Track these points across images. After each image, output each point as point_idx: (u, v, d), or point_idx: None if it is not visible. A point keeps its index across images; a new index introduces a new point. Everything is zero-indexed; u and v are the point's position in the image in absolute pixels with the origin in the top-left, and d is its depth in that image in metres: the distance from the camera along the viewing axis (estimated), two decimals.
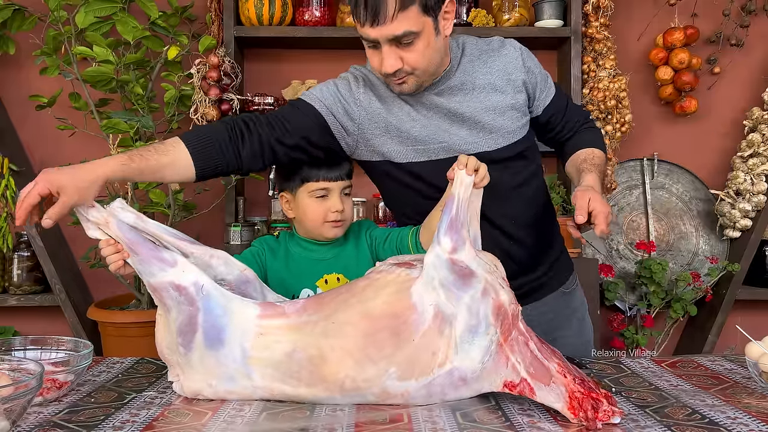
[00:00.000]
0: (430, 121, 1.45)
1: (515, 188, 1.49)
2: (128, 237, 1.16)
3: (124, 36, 2.53)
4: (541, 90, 1.52)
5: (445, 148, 1.44)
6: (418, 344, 1.08)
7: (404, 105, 1.45)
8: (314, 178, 1.47)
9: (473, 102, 1.44)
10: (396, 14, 1.28)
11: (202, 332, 1.13)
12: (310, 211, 1.48)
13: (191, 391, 1.17)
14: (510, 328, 1.12)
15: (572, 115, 1.58)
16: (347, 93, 1.45)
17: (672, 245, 3.03)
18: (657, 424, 1.04)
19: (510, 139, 1.46)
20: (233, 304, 1.15)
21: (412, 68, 1.35)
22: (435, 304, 1.09)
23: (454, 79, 1.45)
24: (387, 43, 1.32)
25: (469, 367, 1.09)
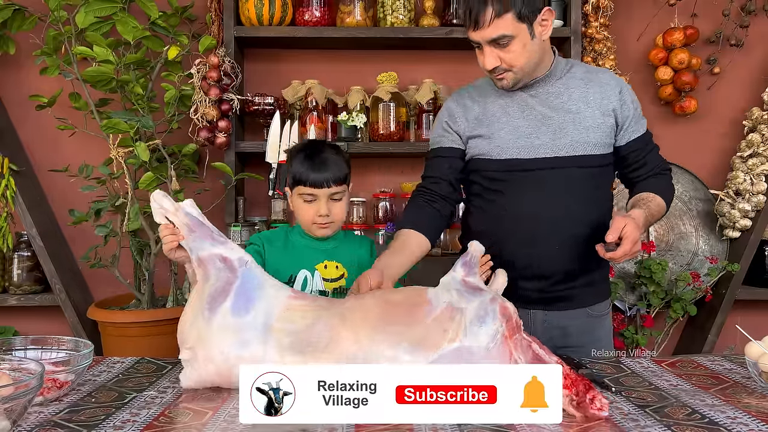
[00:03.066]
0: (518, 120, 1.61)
1: (580, 193, 1.59)
2: (191, 219, 1.30)
3: (124, 36, 2.53)
4: (630, 124, 1.63)
5: (526, 146, 1.59)
6: (429, 325, 1.17)
7: (499, 100, 1.64)
8: (303, 182, 1.58)
9: (563, 111, 1.59)
10: (492, 20, 1.47)
11: (233, 298, 1.22)
12: (301, 211, 1.61)
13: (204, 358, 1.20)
14: (514, 330, 1.19)
15: (652, 159, 1.67)
16: (448, 119, 1.67)
17: (672, 245, 3.03)
18: (657, 424, 1.04)
19: (587, 151, 1.58)
20: (269, 282, 1.27)
21: (509, 66, 1.53)
22: (448, 301, 1.21)
23: (553, 87, 1.62)
24: (486, 44, 1.51)
25: (477, 348, 1.15)
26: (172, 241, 1.30)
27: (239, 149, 2.73)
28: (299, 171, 1.58)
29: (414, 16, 2.83)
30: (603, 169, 1.62)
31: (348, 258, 1.66)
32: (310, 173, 1.57)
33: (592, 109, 1.60)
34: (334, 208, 1.60)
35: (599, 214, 1.62)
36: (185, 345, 1.24)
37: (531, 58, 1.53)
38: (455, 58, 2.99)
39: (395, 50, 2.94)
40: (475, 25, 1.49)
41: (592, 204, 1.61)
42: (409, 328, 1.16)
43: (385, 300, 1.23)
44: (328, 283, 1.63)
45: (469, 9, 1.48)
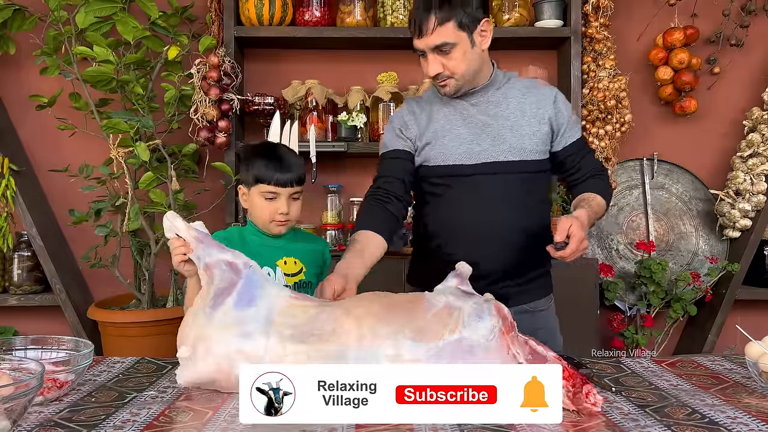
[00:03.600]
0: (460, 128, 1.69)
1: (516, 197, 1.67)
2: (200, 234, 1.35)
3: (125, 36, 2.53)
4: (565, 130, 1.72)
5: (467, 153, 1.67)
6: (430, 319, 1.20)
7: (444, 108, 1.72)
8: (266, 181, 1.62)
9: (501, 118, 1.68)
10: (436, 28, 1.56)
11: (236, 295, 1.24)
12: (260, 208, 1.65)
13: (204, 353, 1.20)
14: (510, 328, 1.22)
15: (588, 163, 1.76)
16: (401, 126, 1.74)
17: (672, 245, 3.03)
18: (657, 424, 1.04)
19: (523, 157, 1.67)
20: (271, 284, 1.30)
21: (451, 73, 1.62)
22: (445, 301, 1.24)
23: (493, 96, 1.71)
24: (430, 51, 1.59)
25: (476, 340, 1.17)
26: (182, 253, 1.35)
27: (239, 149, 2.74)
28: (263, 170, 1.63)
29: None
30: (539, 175, 1.71)
31: (303, 253, 1.72)
32: (275, 173, 1.62)
33: (529, 118, 1.69)
34: (292, 207, 1.66)
35: (535, 217, 1.70)
36: (184, 342, 1.24)
37: (471, 65, 1.63)
38: None
39: (395, 50, 2.94)
40: (419, 33, 1.58)
41: (527, 207, 1.69)
42: (411, 321, 1.19)
43: (384, 297, 1.26)
44: (289, 278, 1.68)
45: (414, 19, 1.58)
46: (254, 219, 1.68)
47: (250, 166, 1.66)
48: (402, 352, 1.15)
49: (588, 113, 2.79)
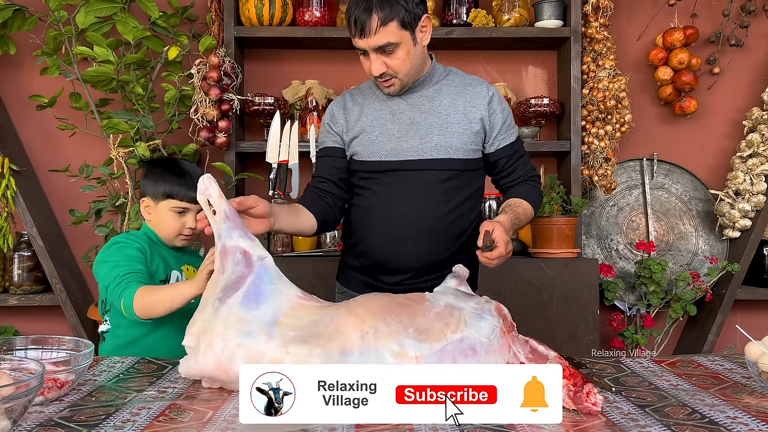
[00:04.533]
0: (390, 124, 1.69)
1: (441, 194, 1.67)
2: (230, 210, 1.33)
3: (125, 36, 2.53)
4: (499, 133, 1.72)
5: (395, 149, 1.67)
6: (431, 317, 1.20)
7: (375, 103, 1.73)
8: (178, 198, 1.68)
9: (431, 115, 1.68)
10: (378, 28, 1.54)
11: (244, 291, 1.24)
12: (168, 223, 1.70)
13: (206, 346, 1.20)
14: (510, 328, 1.23)
15: (521, 167, 1.76)
16: (331, 121, 1.76)
17: (671, 245, 3.03)
18: (657, 424, 1.04)
19: (450, 155, 1.67)
20: (282, 281, 1.29)
21: (395, 72, 1.62)
22: (446, 301, 1.25)
23: (427, 91, 1.70)
24: (373, 51, 1.58)
25: (478, 339, 1.18)
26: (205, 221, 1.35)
27: (239, 149, 2.74)
28: (175, 186, 1.68)
29: None
30: (467, 173, 1.70)
31: (197, 264, 1.77)
32: (187, 189, 1.67)
33: (460, 115, 1.68)
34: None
35: (460, 215, 1.70)
36: (190, 331, 1.26)
37: (414, 63, 1.63)
38: (455, 58, 2.99)
39: None
40: (361, 33, 1.56)
41: (453, 204, 1.69)
42: (413, 320, 1.19)
43: (389, 296, 1.27)
44: None
45: (355, 18, 1.55)
46: (159, 232, 1.72)
47: (160, 181, 1.70)
48: (405, 352, 1.15)
49: (588, 113, 2.79)
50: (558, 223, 2.60)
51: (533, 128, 2.83)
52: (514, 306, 1.95)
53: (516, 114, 2.92)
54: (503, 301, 1.31)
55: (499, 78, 3.01)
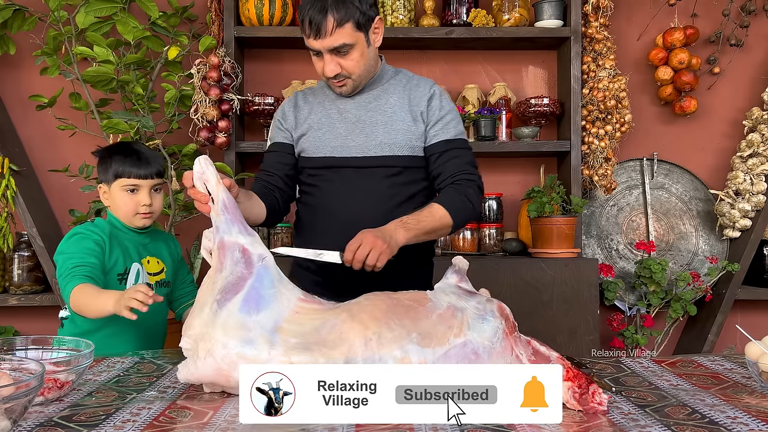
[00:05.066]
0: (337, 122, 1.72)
1: (385, 191, 1.68)
2: (228, 199, 1.28)
3: (125, 36, 2.53)
4: (435, 127, 1.71)
5: (339, 146, 1.70)
6: (434, 320, 1.19)
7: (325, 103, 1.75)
8: (126, 175, 1.71)
9: (377, 113, 1.70)
10: (334, 30, 1.56)
11: (244, 294, 1.19)
12: (123, 203, 1.72)
13: (205, 353, 1.16)
14: (513, 329, 1.22)
15: (451, 167, 1.69)
16: (281, 117, 1.80)
17: (672, 245, 3.03)
18: (657, 423, 1.04)
19: (394, 152, 1.68)
20: (283, 283, 1.25)
21: (349, 73, 1.64)
22: (448, 301, 1.24)
23: (374, 91, 1.73)
24: (328, 52, 1.60)
25: (481, 342, 1.17)
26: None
27: (239, 149, 2.74)
28: (122, 165, 1.70)
29: (414, 16, 2.83)
30: (412, 170, 1.71)
31: (162, 254, 1.82)
32: (133, 166, 1.70)
33: (405, 112, 1.70)
34: (155, 200, 1.74)
35: (408, 211, 1.66)
36: (187, 333, 1.21)
37: (367, 65, 1.66)
38: (455, 58, 3.00)
39: (395, 50, 2.94)
40: (317, 35, 1.57)
41: (399, 200, 1.69)
42: (416, 324, 1.18)
43: (389, 296, 1.25)
44: (152, 277, 1.76)
45: (310, 19, 1.56)
46: (118, 215, 1.74)
47: (110, 164, 1.72)
48: (409, 358, 1.14)
49: (588, 113, 2.79)
50: (558, 223, 2.60)
51: (533, 128, 2.83)
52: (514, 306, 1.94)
53: (516, 114, 2.92)
54: (503, 301, 1.30)
55: (499, 78, 3.01)
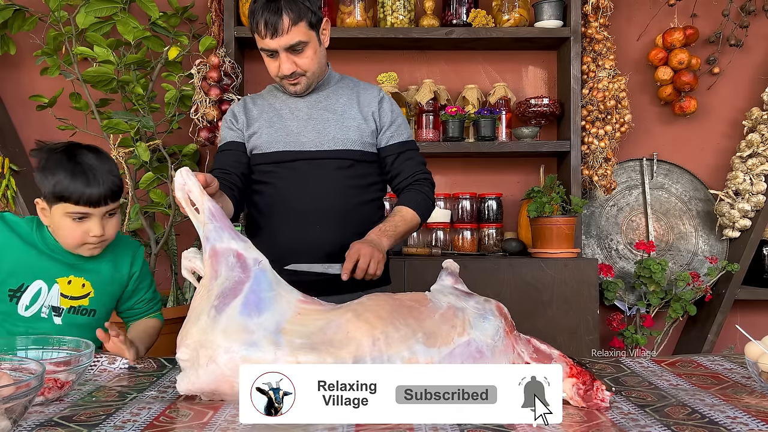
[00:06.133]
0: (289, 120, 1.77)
1: (340, 183, 1.73)
2: (215, 207, 1.25)
3: (125, 36, 2.53)
4: (388, 130, 1.80)
5: (292, 142, 1.74)
6: (437, 320, 1.20)
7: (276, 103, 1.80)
8: (72, 200, 1.35)
9: (328, 112, 1.77)
10: (290, 28, 1.63)
11: (243, 297, 1.17)
12: (66, 231, 1.39)
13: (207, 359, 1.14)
14: (512, 328, 1.23)
15: (407, 169, 1.79)
16: (232, 117, 1.83)
17: (671, 245, 3.03)
18: (657, 423, 1.04)
19: (347, 146, 1.74)
20: (281, 286, 1.24)
21: (304, 70, 1.71)
22: (448, 301, 1.25)
23: (324, 92, 1.80)
24: (284, 51, 1.66)
25: (484, 341, 1.18)
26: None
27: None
28: (66, 185, 1.35)
29: (414, 16, 2.83)
30: (364, 164, 1.78)
31: (100, 275, 1.50)
32: (83, 189, 1.35)
33: (355, 111, 1.78)
34: (108, 226, 1.41)
35: (365, 202, 1.78)
36: (185, 343, 1.17)
37: (320, 63, 1.74)
38: (455, 58, 3.00)
39: (395, 50, 2.94)
40: (273, 34, 1.63)
41: (351, 194, 1.75)
42: (421, 324, 1.18)
43: (392, 298, 1.26)
44: (66, 300, 1.46)
45: (266, 20, 1.63)
46: (59, 240, 1.42)
47: (50, 177, 1.36)
48: (416, 358, 1.15)
49: (588, 113, 2.79)
50: (558, 223, 2.60)
51: (533, 128, 2.83)
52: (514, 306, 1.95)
53: (516, 114, 2.93)
54: (503, 301, 1.31)
55: (499, 78, 3.01)
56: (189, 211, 1.25)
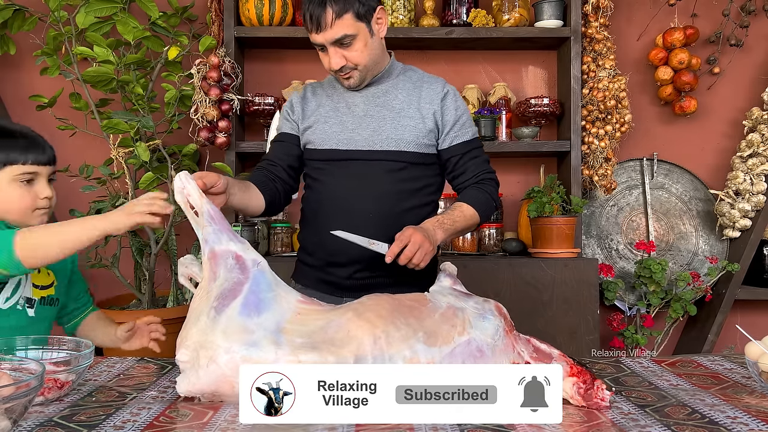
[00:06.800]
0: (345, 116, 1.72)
1: (391, 186, 1.68)
2: (213, 210, 1.26)
3: (125, 36, 2.53)
4: (452, 129, 1.72)
5: (346, 139, 1.69)
6: (437, 319, 1.20)
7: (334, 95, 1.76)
8: (21, 161, 1.39)
9: (385, 108, 1.70)
10: (334, 21, 1.56)
11: (242, 298, 1.17)
12: (17, 197, 1.40)
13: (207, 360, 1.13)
14: (512, 327, 1.24)
15: (472, 168, 1.73)
16: (289, 108, 1.80)
17: (671, 245, 3.03)
18: (657, 423, 1.04)
19: (401, 147, 1.68)
20: (280, 286, 1.24)
21: (354, 64, 1.63)
22: (447, 302, 1.25)
23: (383, 85, 1.73)
24: (331, 45, 1.60)
25: (484, 340, 1.18)
26: (165, 209, 1.26)
27: (239, 149, 2.74)
28: (14, 150, 1.38)
29: (414, 16, 2.83)
30: (419, 167, 1.71)
31: (59, 264, 1.47)
32: (31, 151, 1.39)
33: (413, 110, 1.70)
34: (52, 191, 1.45)
35: (412, 207, 1.70)
36: (184, 345, 1.17)
37: (373, 55, 1.65)
38: (455, 58, 3.00)
39: (395, 50, 2.92)
40: (318, 28, 1.58)
41: (403, 197, 1.69)
42: (421, 323, 1.19)
43: (392, 298, 1.26)
44: (37, 290, 1.46)
45: (310, 13, 1.58)
46: (8, 213, 1.40)
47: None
48: (417, 358, 1.15)
49: (588, 113, 2.79)
50: (558, 223, 2.60)
51: (533, 128, 2.83)
52: (514, 306, 1.95)
53: (516, 114, 2.92)
54: (503, 301, 1.31)
55: (499, 78, 3.01)
56: (188, 214, 1.25)
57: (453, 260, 2.59)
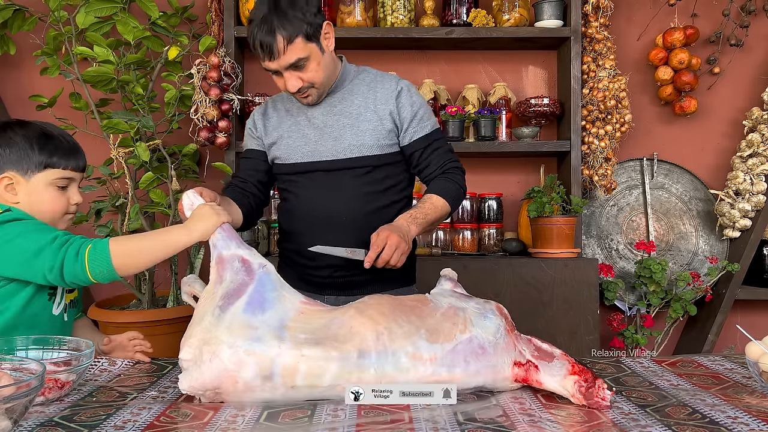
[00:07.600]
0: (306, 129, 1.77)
1: (357, 191, 1.73)
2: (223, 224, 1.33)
3: (125, 36, 2.53)
4: (410, 126, 1.75)
5: (310, 152, 1.74)
6: (439, 318, 1.21)
7: (293, 110, 1.80)
8: (60, 166, 1.39)
9: (343, 116, 1.74)
10: (286, 48, 1.59)
11: (247, 297, 1.20)
12: (50, 201, 1.39)
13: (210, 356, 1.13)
14: (512, 327, 1.25)
15: (435, 160, 1.77)
16: (252, 126, 1.85)
17: (672, 245, 3.03)
18: (657, 423, 1.04)
19: (363, 153, 1.72)
20: (285, 288, 1.26)
21: (311, 83, 1.67)
22: (448, 302, 1.27)
23: (338, 94, 1.76)
24: (286, 70, 1.64)
25: (486, 337, 1.19)
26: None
27: (239, 149, 2.73)
28: (55, 154, 1.38)
29: (414, 16, 2.83)
30: (383, 168, 1.75)
31: None
32: (71, 157, 1.40)
33: (370, 113, 1.73)
34: (81, 199, 1.46)
35: (383, 206, 1.75)
36: (188, 343, 1.17)
37: (327, 71, 1.69)
38: (455, 58, 3.00)
39: (395, 50, 2.94)
40: (270, 56, 1.60)
41: (372, 199, 1.74)
42: (423, 321, 1.20)
43: (394, 299, 1.27)
44: (67, 295, 1.45)
45: (260, 41, 1.59)
46: (38, 214, 1.37)
47: (35, 148, 1.37)
48: (420, 354, 1.16)
49: (588, 113, 2.79)
50: (558, 223, 2.60)
51: (533, 128, 2.83)
52: (514, 306, 1.96)
53: (516, 114, 2.92)
54: (503, 301, 1.32)
55: (499, 78, 3.01)
56: None
57: (453, 260, 2.60)
